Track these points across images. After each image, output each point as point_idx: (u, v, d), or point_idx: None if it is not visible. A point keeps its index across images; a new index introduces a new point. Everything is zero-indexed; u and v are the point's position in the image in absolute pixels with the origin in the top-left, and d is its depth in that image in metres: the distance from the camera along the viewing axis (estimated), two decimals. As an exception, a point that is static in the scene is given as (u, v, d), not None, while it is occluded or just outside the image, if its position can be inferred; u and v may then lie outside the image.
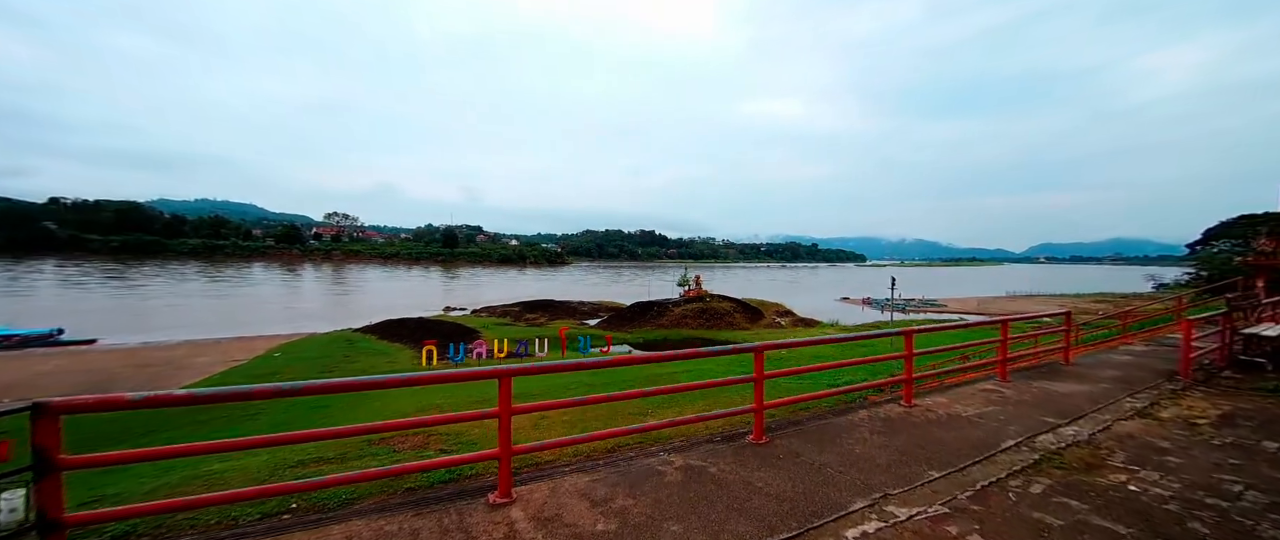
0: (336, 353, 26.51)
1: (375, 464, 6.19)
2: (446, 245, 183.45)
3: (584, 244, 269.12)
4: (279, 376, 21.98)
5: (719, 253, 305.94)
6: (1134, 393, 6.40)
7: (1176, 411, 5.73)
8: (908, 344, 5.90)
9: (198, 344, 31.31)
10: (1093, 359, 8.70)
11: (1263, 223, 40.48)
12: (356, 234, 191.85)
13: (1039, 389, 6.60)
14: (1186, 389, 6.52)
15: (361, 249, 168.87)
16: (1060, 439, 4.94)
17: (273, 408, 14.89)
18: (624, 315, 43.66)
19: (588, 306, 52.86)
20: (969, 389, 6.60)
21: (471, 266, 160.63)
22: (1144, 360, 8.48)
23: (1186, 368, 6.84)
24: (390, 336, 30.93)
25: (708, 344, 34.99)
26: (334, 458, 6.30)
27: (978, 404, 5.97)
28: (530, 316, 45.88)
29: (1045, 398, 6.28)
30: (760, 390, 4.69)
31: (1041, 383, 6.96)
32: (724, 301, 45.24)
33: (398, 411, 12.77)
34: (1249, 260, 11.18)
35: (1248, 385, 6.65)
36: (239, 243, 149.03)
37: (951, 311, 54.25)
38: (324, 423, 12.63)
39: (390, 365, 23.66)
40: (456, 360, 22.17)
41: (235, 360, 25.90)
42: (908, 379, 5.90)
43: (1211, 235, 45.92)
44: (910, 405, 5.83)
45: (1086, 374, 7.47)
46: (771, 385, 8.83)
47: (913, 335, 5.94)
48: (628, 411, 8.27)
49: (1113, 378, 7.21)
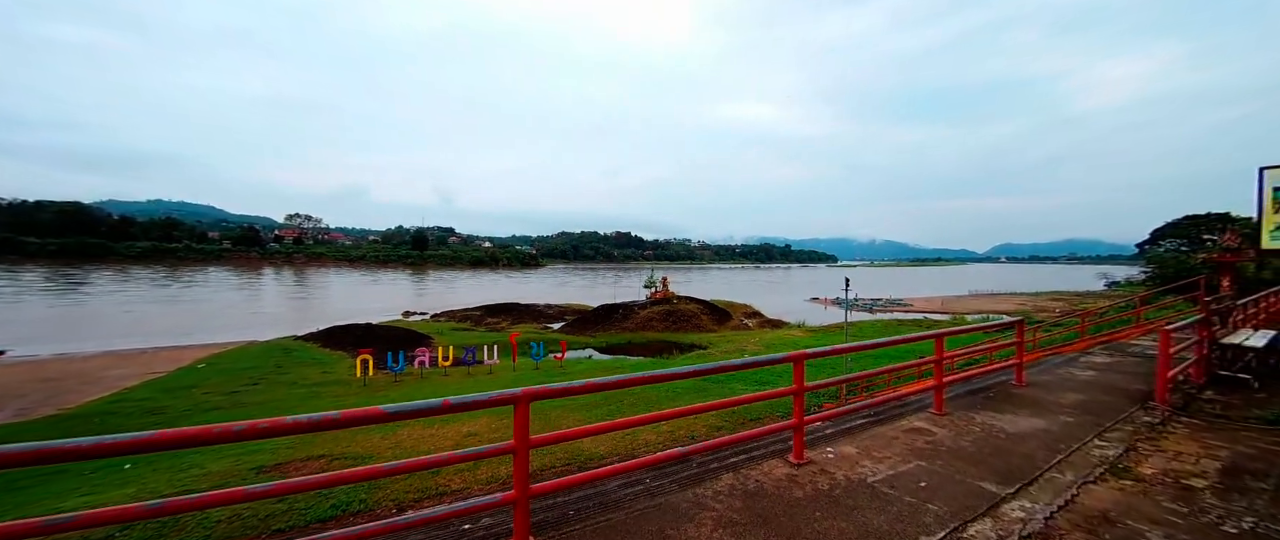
0: (269, 363, 24.71)
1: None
2: (416, 247, 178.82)
3: (559, 246, 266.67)
4: (200, 389, 20.23)
5: (695, 254, 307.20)
6: (1103, 430, 5.06)
7: (1162, 463, 4.35)
8: (797, 375, 4.23)
9: (120, 355, 28.92)
10: (1051, 376, 7.46)
11: (1206, 223, 42.01)
12: (320, 237, 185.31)
13: (982, 427, 5.17)
14: (1167, 421, 5.25)
15: (325, 252, 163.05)
16: (1004, 529, 3.35)
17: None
18: (589, 318, 42.58)
19: (554, 310, 51.58)
20: (891, 429, 5.11)
21: (442, 269, 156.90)
22: (1110, 377, 7.30)
23: (1163, 391, 5.65)
24: (333, 344, 29.17)
25: (674, 347, 34.25)
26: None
27: (896, 457, 4.45)
28: (492, 321, 44.37)
29: (988, 442, 4.79)
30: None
31: (987, 415, 5.57)
32: (691, 303, 44.60)
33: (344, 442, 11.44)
34: (1213, 257, 10.77)
35: (1238, 412, 5.51)
36: (192, 246, 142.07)
37: (917, 311, 54.86)
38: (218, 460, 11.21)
39: (324, 376, 22.09)
40: (396, 370, 20.75)
41: (155, 373, 23.87)
42: (796, 425, 4.33)
43: (1159, 235, 47.54)
44: (799, 463, 4.28)
45: (1043, 400, 6.13)
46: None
47: (803, 360, 4.26)
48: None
49: (1075, 405, 5.86)
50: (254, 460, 11.04)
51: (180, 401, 18.32)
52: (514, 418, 3.01)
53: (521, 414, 3.01)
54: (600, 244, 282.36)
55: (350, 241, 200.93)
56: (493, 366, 22.99)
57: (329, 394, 19.02)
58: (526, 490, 3.05)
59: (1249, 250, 9.65)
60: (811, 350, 4.20)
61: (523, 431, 3.00)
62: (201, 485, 10.02)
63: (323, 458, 11.84)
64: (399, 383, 20.52)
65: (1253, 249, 8.50)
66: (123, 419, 16.19)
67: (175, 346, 31.68)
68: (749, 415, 11.39)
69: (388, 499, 8.51)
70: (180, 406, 17.47)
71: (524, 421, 3.02)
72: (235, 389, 20.25)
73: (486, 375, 22.07)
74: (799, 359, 4.24)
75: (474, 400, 2.94)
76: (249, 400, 18.56)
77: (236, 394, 19.37)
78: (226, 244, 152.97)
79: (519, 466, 3.02)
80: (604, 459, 9.35)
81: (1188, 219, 45.06)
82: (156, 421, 15.80)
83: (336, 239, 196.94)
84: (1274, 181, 7.07)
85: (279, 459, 11.58)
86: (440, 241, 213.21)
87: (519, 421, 3.01)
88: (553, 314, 49.24)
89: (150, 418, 16.17)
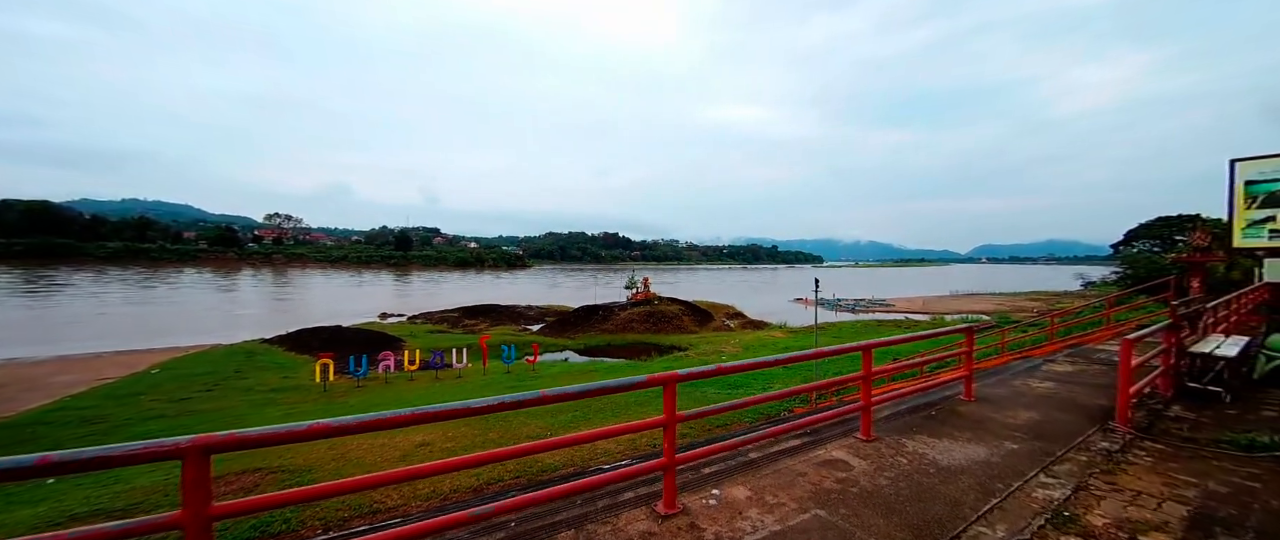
0: (228, 368, 23.70)
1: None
2: (399, 248, 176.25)
3: (546, 246, 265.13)
4: (148, 396, 19.23)
5: (682, 255, 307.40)
6: (1052, 461, 4.24)
7: (1117, 509, 3.53)
8: (668, 401, 3.40)
9: (72, 360, 27.61)
10: (1005, 389, 6.66)
11: (1177, 224, 42.65)
12: (301, 237, 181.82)
13: (910, 459, 4.30)
14: (1127, 448, 4.51)
15: (306, 253, 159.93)
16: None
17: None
18: (568, 320, 41.92)
19: (534, 311, 50.83)
20: (802, 461, 4.23)
21: (426, 270, 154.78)
22: (1069, 389, 6.55)
23: (1124, 410, 4.91)
24: (299, 348, 28.17)
25: (653, 348, 33.76)
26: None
27: (793, 503, 3.58)
28: (470, 323, 43.50)
29: (912, 481, 3.90)
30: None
31: (921, 441, 4.68)
32: (672, 304, 44.17)
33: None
34: (1182, 258, 10.43)
35: (1208, 433, 4.81)
36: (167, 246, 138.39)
37: (898, 311, 55.08)
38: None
39: (284, 381, 21.19)
40: (358, 375, 19.96)
41: (106, 378, 22.75)
42: (666, 465, 3.43)
43: (1132, 236, 48.23)
44: (668, 514, 3.41)
45: (990, 420, 5.30)
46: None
47: (674, 383, 3.43)
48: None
49: (1026, 426, 5.09)
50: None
51: (124, 410, 17.35)
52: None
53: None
54: (588, 244, 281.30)
55: (332, 242, 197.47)
56: (461, 370, 22.28)
57: (285, 401, 18.17)
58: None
59: (1219, 251, 9.44)
60: (683, 371, 3.51)
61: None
62: (120, 503, 9.30)
63: (259, 471, 11.14)
64: (362, 388, 19.73)
65: (1222, 249, 8.23)
66: (57, 429, 15.23)
67: (133, 351, 30.38)
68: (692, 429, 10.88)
69: (315, 519, 7.89)
70: (122, 415, 16.53)
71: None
72: (186, 396, 19.29)
73: (455, 380, 21.36)
74: (669, 382, 3.38)
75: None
76: (199, 408, 17.66)
77: (186, 401, 18.44)
78: (203, 244, 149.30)
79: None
80: (557, 469, 8.82)
81: (1160, 220, 45.76)
82: (92, 432, 14.88)
83: (318, 239, 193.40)
84: (1245, 174, 6.68)
85: (214, 472, 10.86)
86: (425, 242, 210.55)
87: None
88: (533, 316, 48.48)
89: (86, 428, 15.23)
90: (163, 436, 2.22)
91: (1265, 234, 6.65)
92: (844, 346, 4.53)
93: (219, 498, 9.69)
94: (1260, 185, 6.57)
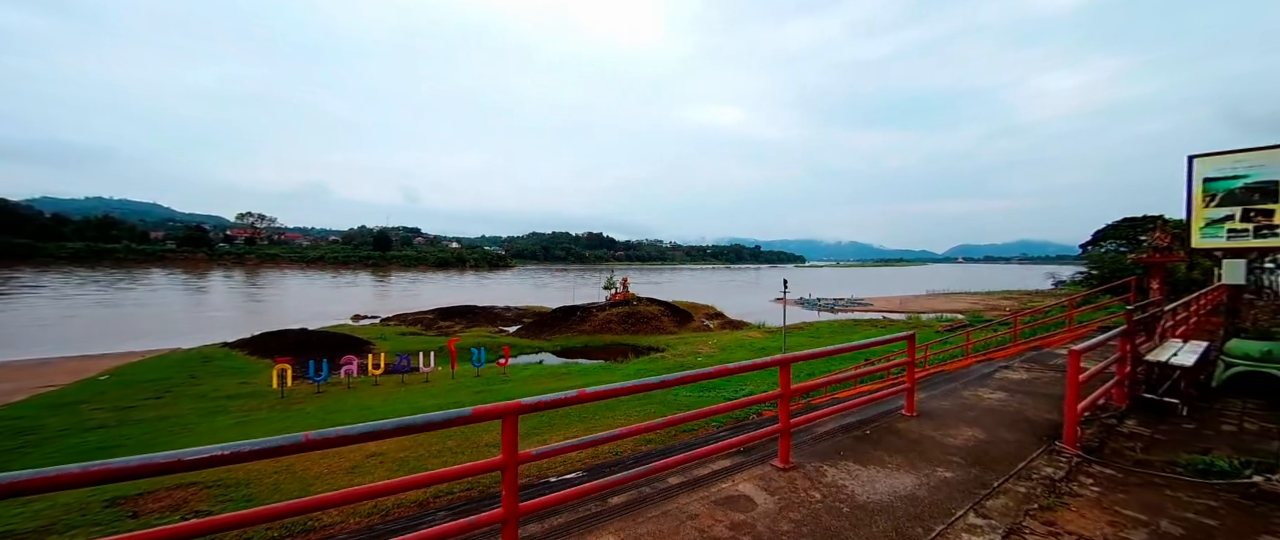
0: (183, 374, 22.64)
1: None
2: (378, 248, 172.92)
3: (529, 247, 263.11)
4: (92, 405, 18.19)
5: (666, 255, 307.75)
6: (986, 495, 3.66)
7: None
8: (507, 438, 2.76)
9: (17, 366, 26.14)
10: (951, 401, 6.08)
11: (1142, 225, 43.79)
12: (276, 237, 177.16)
13: (827, 493, 3.69)
14: (1073, 474, 3.98)
15: (280, 253, 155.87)
16: None
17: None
18: (546, 321, 41.30)
19: (512, 312, 50.05)
20: (698, 499, 3.60)
21: (406, 271, 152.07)
22: (1020, 401, 6.05)
23: (1072, 430, 4.42)
24: (262, 351, 27.09)
25: (631, 350, 33.35)
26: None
27: None
28: (445, 325, 42.58)
29: (820, 525, 3.32)
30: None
31: (844, 469, 4.06)
32: (651, 305, 43.83)
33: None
34: (1143, 258, 10.32)
35: (1162, 454, 4.34)
36: (133, 246, 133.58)
37: (876, 311, 55.59)
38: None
39: (241, 387, 20.26)
40: (318, 380, 19.16)
41: (51, 385, 21.54)
42: (505, 516, 2.75)
43: (1100, 236, 49.45)
44: None
45: (927, 440, 4.72)
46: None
47: (515, 415, 2.80)
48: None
49: (965, 448, 4.51)
50: (113, 488, 9.60)
51: (62, 420, 16.35)
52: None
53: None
54: (572, 244, 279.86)
55: (308, 242, 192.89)
56: (429, 374, 21.59)
57: (237, 409, 17.32)
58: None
59: (1180, 251, 9.39)
60: (526, 400, 2.85)
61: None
62: (29, 524, 8.59)
63: (193, 486, 10.46)
64: (322, 394, 18.94)
65: (1183, 249, 8.13)
66: (-16, 441, 14.23)
67: (86, 356, 28.95)
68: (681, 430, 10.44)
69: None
70: (58, 425, 15.55)
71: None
72: (132, 404, 18.29)
73: (422, 384, 20.68)
74: (509, 413, 2.73)
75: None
76: (144, 416, 16.73)
77: (131, 410, 17.46)
78: (171, 244, 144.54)
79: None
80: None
81: (1126, 221, 46.96)
82: (23, 445, 13.92)
83: (294, 239, 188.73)
84: (1203, 171, 6.50)
85: (140, 489, 10.17)
86: (405, 242, 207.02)
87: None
88: (510, 317, 47.71)
89: (17, 440, 14.25)
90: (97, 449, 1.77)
91: (1224, 233, 6.50)
92: (756, 362, 4.03)
93: (144, 515, 8.86)
94: (1219, 182, 6.42)
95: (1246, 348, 5.92)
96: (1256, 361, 5.79)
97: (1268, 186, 6.21)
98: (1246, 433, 4.81)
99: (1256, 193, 6.27)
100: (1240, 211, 6.38)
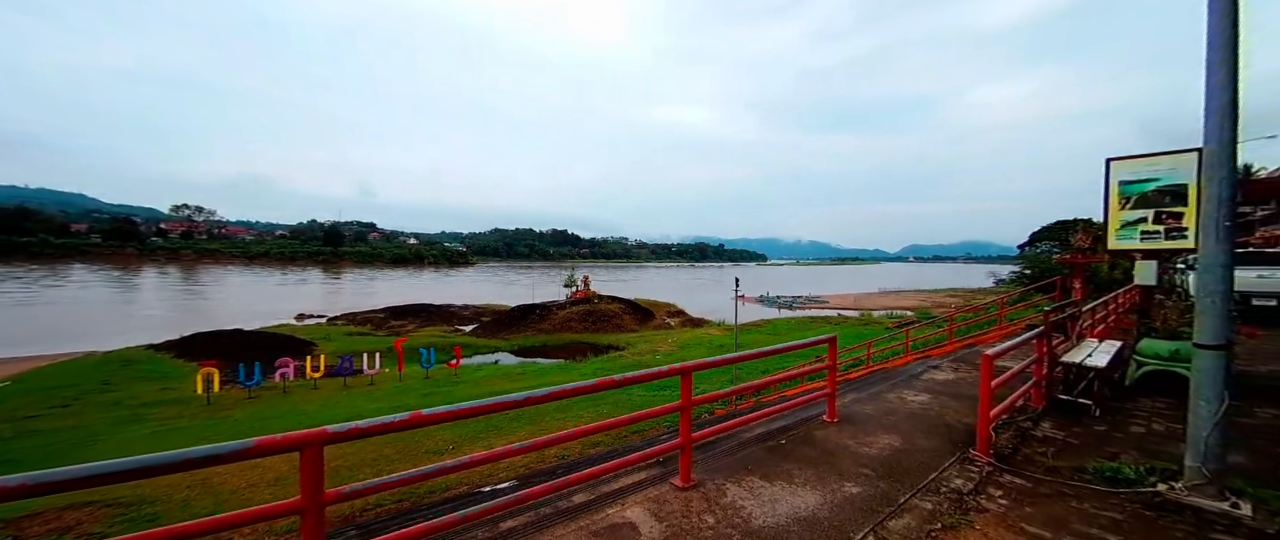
0: (96, 379, 20.78)
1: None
2: (329, 243, 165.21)
3: (492, 243, 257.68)
4: (-15, 417, 16.38)
5: (632, 252, 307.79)
6: (889, 514, 3.43)
7: None
8: (307, 472, 2.27)
9: (-101, 374, 23.37)
10: (875, 405, 5.92)
11: (1072, 227, 46.75)
12: (216, 230, 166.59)
13: (722, 517, 3.34)
14: (983, 486, 3.85)
15: (220, 248, 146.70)
16: None
17: None
18: (504, 320, 40.37)
19: (469, 311, 48.71)
20: (576, 529, 3.19)
21: (360, 267, 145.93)
22: (942, 404, 5.95)
23: (984, 437, 4.32)
24: (191, 354, 25.22)
25: (590, 349, 32.97)
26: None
27: None
28: (397, 324, 40.98)
29: None
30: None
31: (748, 486, 3.77)
32: (613, 303, 43.55)
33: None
34: (1066, 258, 10.72)
35: (1073, 459, 4.28)
36: (50, 239, 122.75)
37: (832, 308, 57.17)
38: None
39: (162, 394, 18.72)
40: (250, 385, 17.94)
41: (-62, 395, 19.33)
42: None
43: (1036, 237, 52.51)
44: None
45: (843, 450, 4.50)
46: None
47: (319, 446, 2.30)
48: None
49: (879, 459, 4.32)
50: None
51: (-55, 433, 14.64)
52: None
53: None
54: (536, 242, 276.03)
55: (252, 236, 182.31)
56: (374, 376, 20.62)
57: (155, 417, 15.98)
58: None
59: (1103, 253, 9.87)
60: (335, 428, 2.32)
61: None
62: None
63: (91, 505, 9.51)
64: (254, 399, 17.73)
65: (1103, 250, 8.50)
66: None
67: (-16, 361, 26.21)
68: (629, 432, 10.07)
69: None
70: (-62, 440, 13.91)
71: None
72: (35, 413, 16.61)
73: (367, 387, 19.70)
74: (314, 441, 2.25)
75: None
76: (45, 427, 15.19)
77: (32, 420, 15.85)
78: (96, 238, 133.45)
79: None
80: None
81: (1058, 223, 49.99)
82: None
83: (236, 233, 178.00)
84: (1119, 174, 6.79)
85: (30, 508, 9.15)
86: (360, 238, 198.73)
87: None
88: (468, 316, 46.41)
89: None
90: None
91: (1138, 235, 6.79)
92: (654, 371, 3.69)
93: (25, 538, 7.89)
94: (1134, 185, 6.70)
95: (1156, 347, 6.16)
96: (1166, 361, 6.02)
97: (1177, 189, 6.51)
98: (1154, 434, 4.94)
99: (1167, 196, 6.56)
100: (1152, 213, 6.66)
